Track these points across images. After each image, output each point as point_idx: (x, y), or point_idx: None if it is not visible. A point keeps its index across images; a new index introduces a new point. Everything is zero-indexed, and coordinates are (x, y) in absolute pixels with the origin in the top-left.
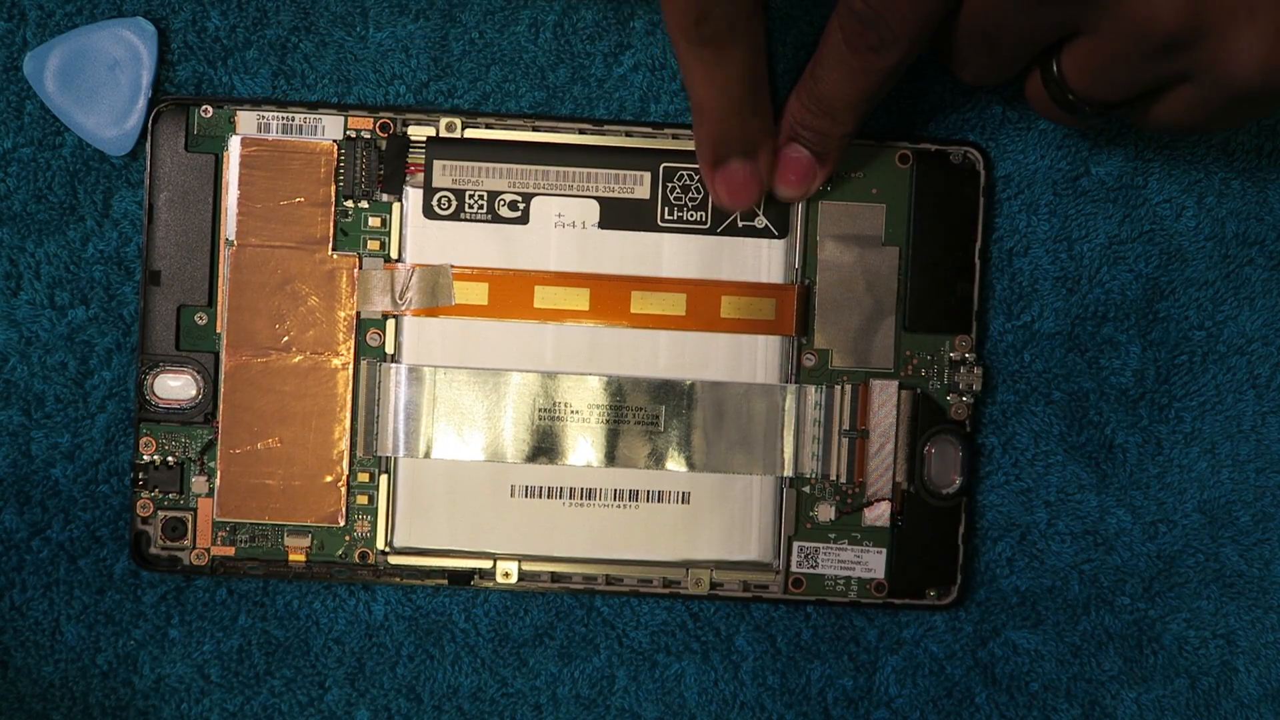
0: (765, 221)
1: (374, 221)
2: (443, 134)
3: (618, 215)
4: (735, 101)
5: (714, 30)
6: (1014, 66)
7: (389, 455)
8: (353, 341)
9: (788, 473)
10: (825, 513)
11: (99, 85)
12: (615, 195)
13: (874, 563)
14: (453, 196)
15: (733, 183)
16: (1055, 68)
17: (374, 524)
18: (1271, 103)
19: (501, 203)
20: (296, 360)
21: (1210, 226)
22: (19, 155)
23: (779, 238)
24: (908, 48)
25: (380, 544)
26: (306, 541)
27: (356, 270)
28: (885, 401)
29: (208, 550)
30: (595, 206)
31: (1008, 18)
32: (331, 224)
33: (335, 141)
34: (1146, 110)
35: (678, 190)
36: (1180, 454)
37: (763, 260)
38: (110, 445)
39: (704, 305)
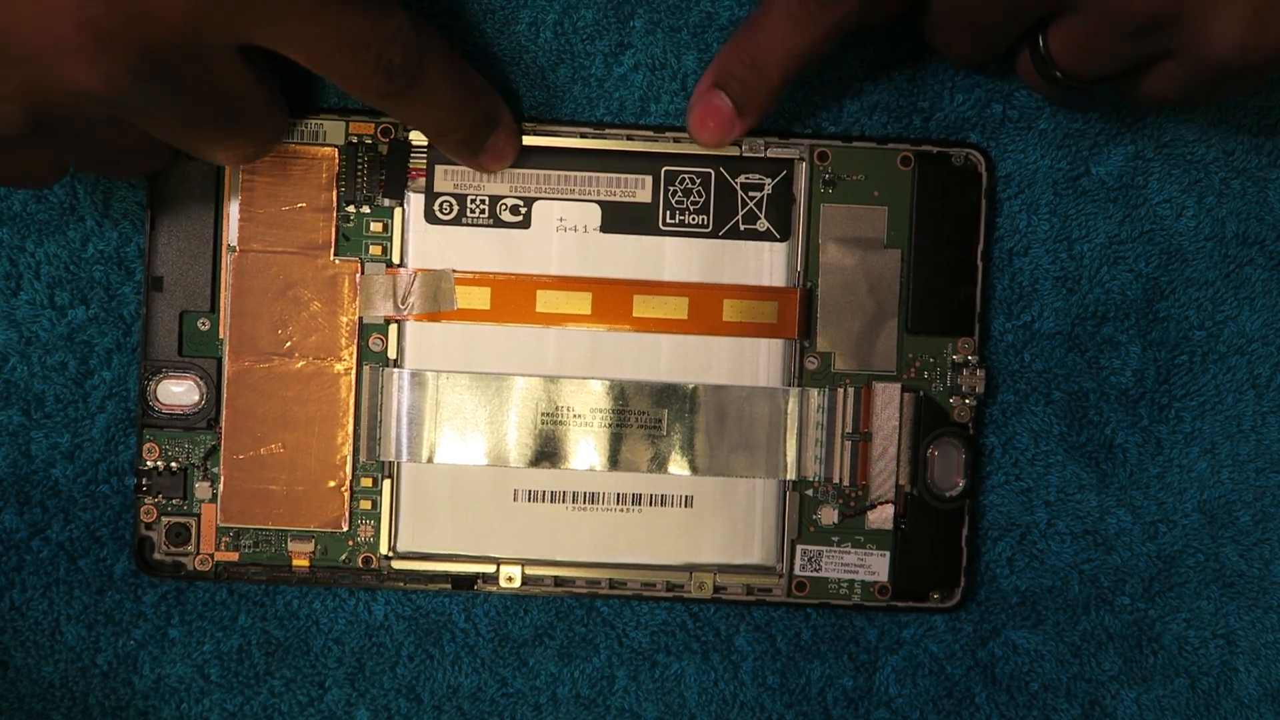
0: (767, 224)
1: (376, 227)
2: None
3: (619, 219)
4: (460, 106)
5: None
6: (1000, 45)
7: (392, 460)
8: (355, 347)
9: (790, 476)
10: (828, 516)
11: None
12: (617, 199)
13: (877, 566)
14: (454, 201)
15: (498, 152)
16: (1043, 44)
17: (377, 529)
18: (1252, 78)
19: (503, 207)
20: (299, 365)
21: (1210, 226)
22: None
23: (780, 241)
24: (856, 5)
25: (384, 549)
26: (310, 547)
27: (358, 275)
28: (888, 404)
29: (211, 556)
30: (597, 210)
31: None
32: (333, 229)
33: (337, 147)
34: (1133, 84)
35: (679, 194)
36: (1180, 454)
37: (764, 263)
38: (110, 445)
39: (706, 309)
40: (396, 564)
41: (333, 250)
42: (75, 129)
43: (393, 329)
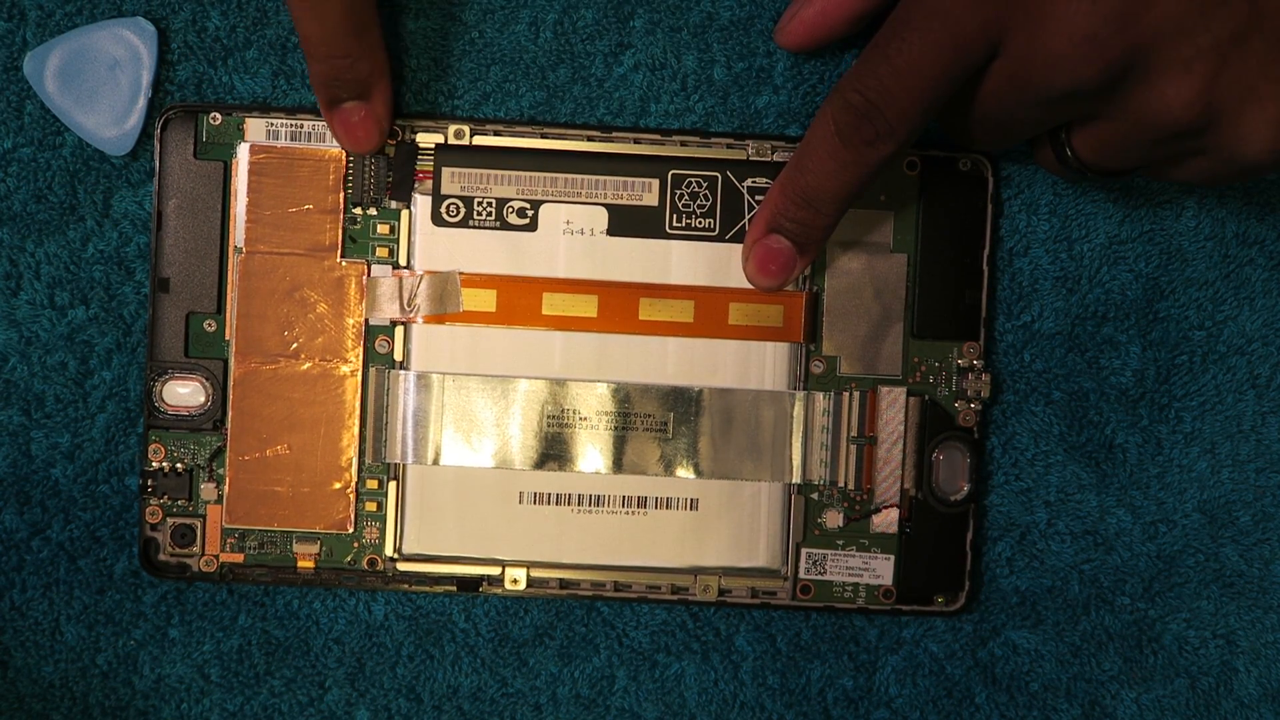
0: None
1: (382, 228)
2: (451, 141)
3: (626, 222)
4: (341, 43)
5: None
6: (1022, 140)
7: (398, 462)
8: (361, 348)
9: (796, 479)
10: (833, 519)
11: (99, 85)
12: (623, 202)
13: (882, 569)
14: (461, 203)
15: (349, 125)
16: (1065, 140)
17: (383, 530)
18: None
19: (510, 210)
20: (305, 367)
21: (1210, 226)
22: (19, 155)
23: None
24: (904, 139)
25: (389, 550)
26: (315, 548)
27: (365, 277)
28: (893, 408)
29: (217, 557)
30: (603, 213)
31: (1022, 112)
32: (340, 231)
33: (344, 148)
34: (1160, 171)
35: (686, 197)
36: (1180, 454)
37: None
38: (110, 445)
39: (712, 312)
40: (402, 566)
41: (339, 252)
42: None
43: (399, 331)
